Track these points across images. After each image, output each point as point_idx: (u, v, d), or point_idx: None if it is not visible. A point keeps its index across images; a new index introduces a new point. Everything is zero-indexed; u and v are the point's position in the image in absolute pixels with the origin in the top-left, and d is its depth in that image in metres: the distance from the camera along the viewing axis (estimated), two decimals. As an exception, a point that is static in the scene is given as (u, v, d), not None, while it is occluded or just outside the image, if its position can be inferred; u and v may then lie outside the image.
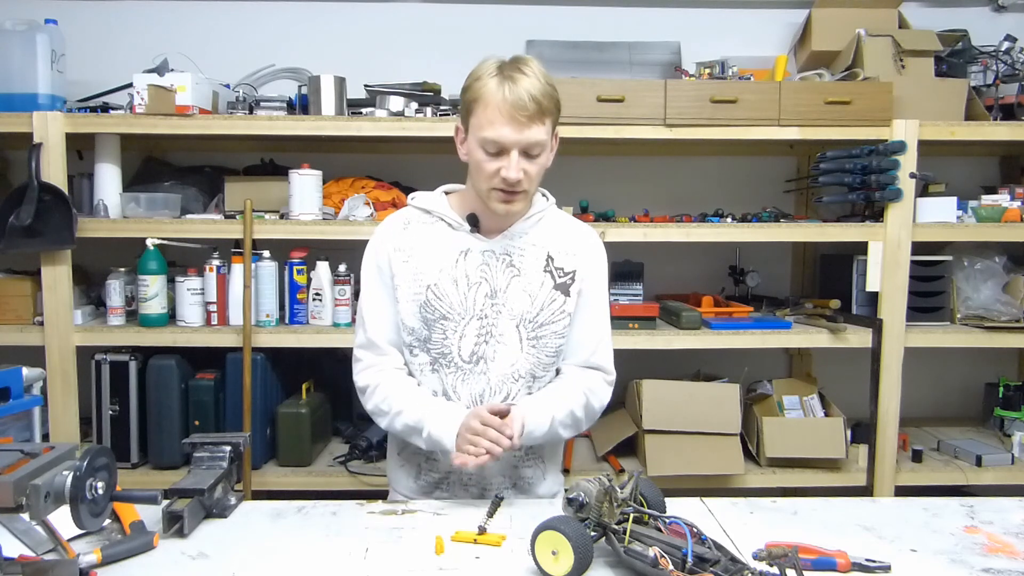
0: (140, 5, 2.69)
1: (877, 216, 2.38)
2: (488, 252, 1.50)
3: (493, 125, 1.38)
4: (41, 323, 2.23)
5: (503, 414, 1.41)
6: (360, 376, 1.55)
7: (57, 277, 2.21)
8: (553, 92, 1.42)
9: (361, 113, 2.34)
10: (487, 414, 1.39)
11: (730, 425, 2.32)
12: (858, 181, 2.36)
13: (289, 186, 2.27)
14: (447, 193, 1.58)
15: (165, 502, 1.23)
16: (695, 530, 1.07)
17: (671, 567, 1.03)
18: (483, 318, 1.48)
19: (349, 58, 2.60)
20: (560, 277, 1.52)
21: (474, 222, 1.51)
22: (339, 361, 2.65)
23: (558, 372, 1.59)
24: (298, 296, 2.33)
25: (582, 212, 2.47)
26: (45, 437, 2.11)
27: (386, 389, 1.50)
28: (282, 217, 2.32)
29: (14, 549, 1.10)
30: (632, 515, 1.12)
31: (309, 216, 2.26)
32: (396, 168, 2.62)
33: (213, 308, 2.29)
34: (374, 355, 1.54)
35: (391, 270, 1.51)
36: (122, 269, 2.32)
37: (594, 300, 1.57)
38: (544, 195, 1.60)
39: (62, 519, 1.06)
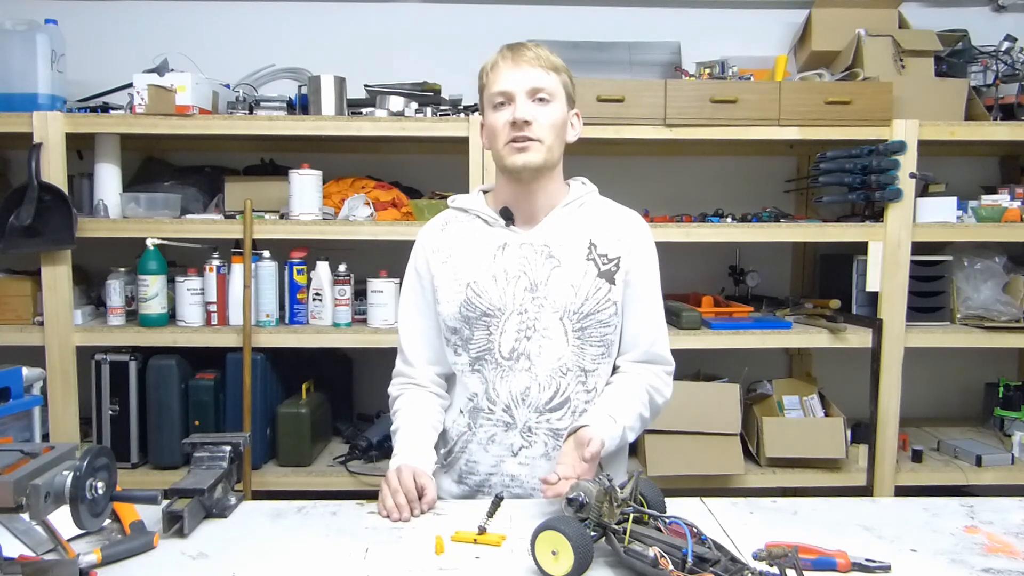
0: (140, 5, 2.69)
1: (877, 216, 2.38)
2: (526, 245, 1.48)
3: (498, 78, 1.43)
4: (41, 323, 2.23)
5: (582, 441, 1.33)
6: (392, 383, 1.61)
7: (57, 277, 2.21)
8: (558, 59, 1.46)
9: (361, 113, 2.34)
10: (409, 481, 1.34)
11: (730, 425, 2.32)
12: (858, 181, 2.36)
13: (289, 186, 2.27)
14: (484, 192, 1.58)
15: (165, 502, 1.23)
16: (695, 530, 1.07)
17: (671, 567, 1.03)
18: (523, 312, 1.45)
19: (349, 58, 2.60)
20: (604, 264, 1.48)
21: (508, 216, 1.49)
22: (339, 361, 2.65)
23: (615, 370, 1.53)
24: (298, 296, 2.33)
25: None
26: (45, 437, 2.11)
27: (399, 404, 1.56)
28: (282, 217, 2.32)
29: (14, 549, 1.10)
30: (632, 515, 1.12)
31: (309, 216, 2.27)
32: (396, 168, 2.62)
33: (213, 308, 2.30)
34: (403, 364, 1.58)
35: (430, 272, 1.51)
36: (122, 269, 2.32)
37: (646, 289, 1.52)
38: (583, 182, 1.58)
39: (62, 519, 1.06)
